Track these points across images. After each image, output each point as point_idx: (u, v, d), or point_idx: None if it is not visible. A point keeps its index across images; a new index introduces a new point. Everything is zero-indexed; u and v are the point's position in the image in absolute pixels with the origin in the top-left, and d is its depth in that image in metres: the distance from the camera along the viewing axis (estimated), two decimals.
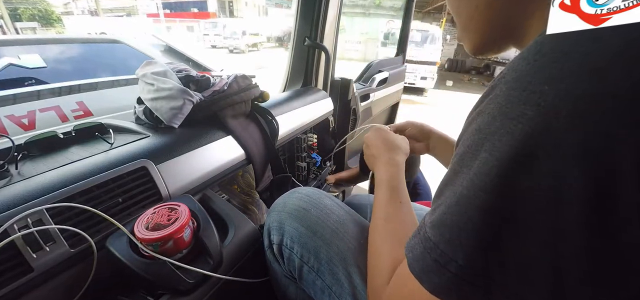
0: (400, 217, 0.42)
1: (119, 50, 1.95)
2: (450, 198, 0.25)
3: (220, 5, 23.20)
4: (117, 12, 22.48)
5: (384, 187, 0.47)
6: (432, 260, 0.25)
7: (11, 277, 0.37)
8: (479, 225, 0.22)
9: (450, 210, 0.24)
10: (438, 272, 0.24)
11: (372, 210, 0.45)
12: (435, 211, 0.26)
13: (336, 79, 1.25)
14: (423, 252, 0.26)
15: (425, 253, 0.25)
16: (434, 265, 0.25)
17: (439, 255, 0.24)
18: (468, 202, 0.23)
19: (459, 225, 0.23)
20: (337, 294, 0.44)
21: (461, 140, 0.26)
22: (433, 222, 0.26)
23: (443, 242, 0.24)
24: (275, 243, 0.49)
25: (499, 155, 0.21)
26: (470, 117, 0.26)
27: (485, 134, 0.23)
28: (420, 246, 0.26)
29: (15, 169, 0.48)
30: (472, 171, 0.23)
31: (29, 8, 17.58)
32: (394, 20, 8.49)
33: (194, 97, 0.65)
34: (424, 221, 0.28)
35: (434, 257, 0.25)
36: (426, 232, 0.26)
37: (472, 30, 0.33)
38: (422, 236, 0.27)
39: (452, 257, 0.23)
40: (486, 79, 9.50)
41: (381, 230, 0.41)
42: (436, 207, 0.27)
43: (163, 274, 0.41)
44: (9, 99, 1.33)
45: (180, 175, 0.57)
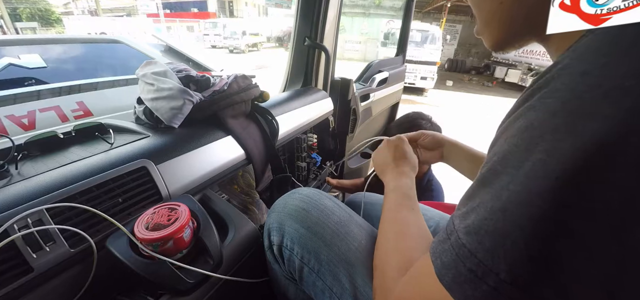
0: (411, 220, 0.41)
1: (119, 50, 1.95)
2: (491, 202, 0.22)
3: (220, 5, 23.21)
4: (117, 12, 22.50)
5: (395, 193, 0.47)
6: (467, 270, 0.22)
7: (11, 277, 0.37)
8: (530, 236, 0.19)
9: (493, 216, 0.22)
10: (473, 284, 0.22)
11: (382, 214, 0.45)
12: (469, 215, 0.24)
13: (336, 79, 1.25)
14: (456, 260, 0.23)
15: (459, 261, 0.23)
16: (469, 275, 0.22)
17: (476, 265, 0.22)
18: (518, 208, 0.20)
19: (503, 234, 0.21)
20: (338, 294, 0.44)
21: (502, 138, 0.24)
22: (468, 227, 0.23)
23: (482, 251, 0.22)
24: (275, 244, 0.49)
25: (562, 158, 0.18)
26: (514, 113, 0.24)
27: (541, 132, 0.20)
28: (452, 253, 0.24)
29: (15, 169, 0.48)
30: (522, 173, 0.20)
31: (28, 8, 17.58)
32: (394, 20, 8.49)
33: (194, 97, 0.65)
34: (454, 225, 0.25)
35: (469, 267, 0.22)
36: (459, 238, 0.24)
37: (494, 26, 0.32)
38: (454, 242, 0.24)
39: (492, 268, 0.21)
40: (486, 78, 9.49)
41: (390, 231, 0.41)
42: (469, 210, 0.24)
43: (163, 274, 0.41)
44: (9, 99, 1.33)
45: (180, 175, 0.57)
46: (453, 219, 0.26)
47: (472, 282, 0.22)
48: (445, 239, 0.26)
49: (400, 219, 0.42)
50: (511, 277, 0.20)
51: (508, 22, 0.31)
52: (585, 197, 0.18)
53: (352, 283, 0.43)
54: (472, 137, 3.89)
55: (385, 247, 0.39)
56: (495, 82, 8.88)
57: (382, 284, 0.36)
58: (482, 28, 0.34)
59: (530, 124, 0.21)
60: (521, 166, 0.21)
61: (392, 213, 0.44)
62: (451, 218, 0.27)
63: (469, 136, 4.09)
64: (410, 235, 0.39)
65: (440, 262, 0.25)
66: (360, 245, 0.46)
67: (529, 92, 0.24)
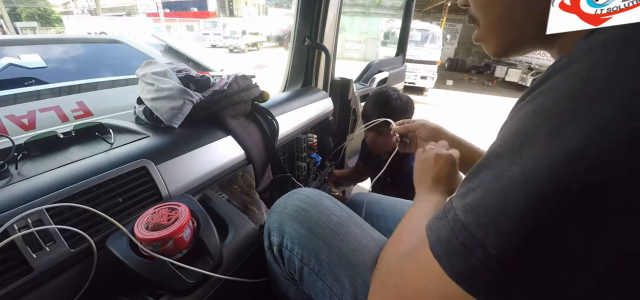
0: None
1: (119, 50, 1.95)
2: (491, 181, 0.22)
3: (220, 4, 23.19)
4: (116, 11, 22.48)
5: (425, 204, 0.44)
6: (459, 243, 0.22)
7: (11, 277, 0.37)
8: (525, 214, 0.19)
9: (491, 193, 0.22)
10: (463, 256, 0.22)
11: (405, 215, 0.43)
12: (468, 194, 0.24)
13: (336, 79, 1.25)
14: (450, 235, 0.24)
15: (452, 235, 0.23)
16: (461, 247, 0.22)
17: (467, 237, 0.22)
18: (516, 187, 0.20)
19: (499, 211, 0.21)
20: (338, 295, 0.44)
21: (507, 125, 0.25)
22: (466, 205, 0.23)
23: (474, 225, 0.22)
24: (276, 244, 0.49)
25: (565, 142, 0.18)
26: (523, 101, 0.24)
27: (546, 117, 0.20)
28: (448, 228, 0.24)
29: (15, 169, 0.48)
30: (525, 156, 0.20)
31: (28, 7, 17.57)
32: (394, 19, 8.48)
33: (194, 97, 0.65)
34: (452, 204, 0.25)
35: (461, 239, 0.22)
36: (456, 215, 0.24)
37: (500, 31, 0.31)
38: (451, 219, 0.24)
39: (482, 242, 0.21)
40: (486, 78, 9.49)
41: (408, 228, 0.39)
42: (469, 190, 0.24)
43: (163, 274, 0.41)
44: (9, 99, 1.33)
45: (180, 175, 0.57)
46: (451, 200, 0.26)
47: (462, 254, 0.22)
48: (443, 217, 0.26)
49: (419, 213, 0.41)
50: (500, 253, 0.20)
51: (517, 28, 0.30)
52: (587, 178, 0.18)
53: (352, 283, 0.43)
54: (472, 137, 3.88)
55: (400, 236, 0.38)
56: (495, 82, 8.88)
57: (383, 264, 0.36)
58: (485, 33, 0.33)
59: (534, 109, 0.22)
60: (523, 148, 0.21)
61: (413, 216, 0.42)
62: (449, 199, 0.27)
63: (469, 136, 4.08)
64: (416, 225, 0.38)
65: (435, 237, 0.25)
66: (360, 245, 0.46)
67: (536, 82, 0.24)
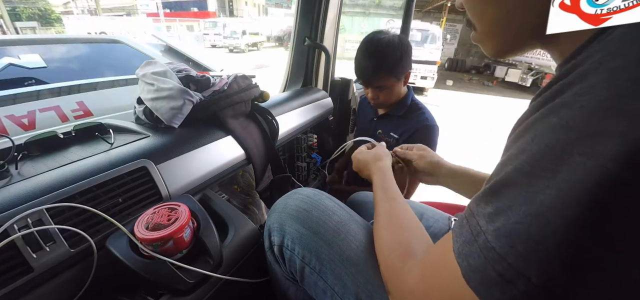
0: (396, 210, 0.45)
1: (119, 50, 1.95)
2: (523, 205, 0.21)
3: (220, 4, 23.19)
4: (116, 11, 22.48)
5: (378, 190, 0.51)
6: (497, 274, 0.22)
7: (11, 277, 0.37)
8: (564, 241, 0.19)
9: (525, 220, 0.21)
10: (502, 288, 0.21)
11: (374, 211, 0.48)
12: (498, 217, 0.23)
13: (336, 79, 1.25)
14: (484, 264, 0.23)
15: (488, 265, 0.23)
16: (499, 279, 0.22)
17: (506, 269, 0.21)
18: (552, 213, 0.19)
19: (536, 239, 0.20)
20: (340, 294, 0.44)
21: (528, 135, 0.23)
22: (498, 231, 0.22)
23: (513, 255, 0.21)
24: (276, 244, 0.49)
25: (602, 161, 0.18)
26: (543, 108, 0.23)
27: (578, 134, 0.19)
28: (481, 256, 0.23)
29: (15, 169, 0.48)
30: (559, 178, 0.20)
31: (28, 7, 17.57)
32: (394, 19, 8.48)
33: (194, 97, 0.65)
34: (480, 227, 0.24)
35: (498, 270, 0.22)
36: (488, 241, 0.23)
37: (497, 34, 0.32)
38: (483, 245, 0.23)
39: (523, 272, 0.20)
40: (486, 78, 9.48)
41: (383, 224, 0.44)
42: (497, 211, 0.23)
43: (163, 274, 0.41)
44: (9, 99, 1.33)
45: (180, 175, 0.57)
46: (476, 218, 0.25)
47: (501, 285, 0.22)
48: (472, 241, 0.25)
49: (387, 211, 0.45)
50: (542, 282, 0.20)
51: (514, 30, 0.30)
52: (627, 201, 0.17)
53: (354, 282, 0.43)
54: (472, 136, 3.89)
55: (386, 241, 0.41)
56: (495, 82, 8.88)
57: (392, 276, 0.37)
58: (482, 37, 0.33)
59: (565, 123, 0.20)
60: (557, 169, 0.20)
61: (379, 207, 0.47)
62: (472, 215, 0.26)
63: (469, 136, 4.09)
64: (402, 226, 0.42)
65: (467, 264, 0.25)
66: (361, 244, 0.46)
67: (559, 86, 0.23)
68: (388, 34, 0.89)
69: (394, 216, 0.44)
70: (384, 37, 0.88)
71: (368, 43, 0.90)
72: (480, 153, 3.18)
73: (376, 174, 0.56)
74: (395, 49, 0.86)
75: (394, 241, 0.39)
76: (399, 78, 0.91)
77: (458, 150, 3.22)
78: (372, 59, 0.88)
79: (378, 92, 0.93)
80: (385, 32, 0.90)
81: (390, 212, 0.45)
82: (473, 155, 3.11)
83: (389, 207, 0.46)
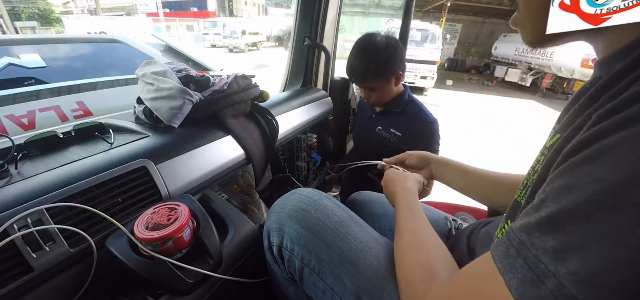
0: (421, 230, 0.44)
1: (118, 50, 1.95)
2: (607, 248, 0.18)
3: (220, 4, 23.19)
4: (116, 11, 22.48)
5: (403, 209, 0.49)
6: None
7: (11, 277, 0.37)
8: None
9: (615, 267, 0.18)
10: None
11: (396, 230, 0.47)
12: (570, 257, 0.20)
13: (336, 79, 1.25)
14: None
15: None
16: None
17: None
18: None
19: (633, 288, 0.18)
20: (340, 294, 0.44)
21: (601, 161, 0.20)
22: (577, 277, 0.19)
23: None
24: (275, 245, 0.49)
25: None
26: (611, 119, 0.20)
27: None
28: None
29: (15, 169, 0.48)
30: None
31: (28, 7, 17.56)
32: (394, 19, 8.48)
33: (194, 97, 0.65)
34: (548, 268, 0.21)
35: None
36: (564, 286, 0.19)
37: (541, 20, 0.28)
38: (557, 290, 0.20)
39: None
40: (486, 78, 9.48)
41: (407, 242, 0.43)
42: (567, 248, 0.20)
43: (163, 274, 0.41)
44: (9, 99, 1.33)
45: (180, 175, 0.57)
46: (533, 251, 0.22)
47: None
48: (537, 282, 0.21)
49: (412, 230, 0.44)
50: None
51: None
52: None
53: (354, 282, 0.43)
54: (472, 136, 3.89)
55: (408, 260, 0.40)
56: (495, 82, 8.87)
57: (411, 296, 0.36)
58: (525, 20, 0.31)
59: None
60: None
61: (403, 225, 0.46)
62: (524, 246, 0.23)
63: (469, 136, 4.09)
64: (427, 248, 0.40)
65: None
66: (361, 244, 0.46)
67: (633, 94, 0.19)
68: (378, 36, 0.89)
69: (419, 236, 0.43)
70: (373, 39, 0.88)
71: (358, 45, 0.90)
72: (477, 150, 3.18)
73: (403, 193, 0.54)
74: (381, 51, 0.86)
75: (416, 261, 0.38)
76: (388, 79, 0.91)
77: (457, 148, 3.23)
78: (360, 61, 0.89)
79: (370, 93, 0.95)
80: (376, 34, 0.90)
81: (415, 231, 0.43)
82: (472, 155, 3.11)
83: (414, 227, 0.44)
